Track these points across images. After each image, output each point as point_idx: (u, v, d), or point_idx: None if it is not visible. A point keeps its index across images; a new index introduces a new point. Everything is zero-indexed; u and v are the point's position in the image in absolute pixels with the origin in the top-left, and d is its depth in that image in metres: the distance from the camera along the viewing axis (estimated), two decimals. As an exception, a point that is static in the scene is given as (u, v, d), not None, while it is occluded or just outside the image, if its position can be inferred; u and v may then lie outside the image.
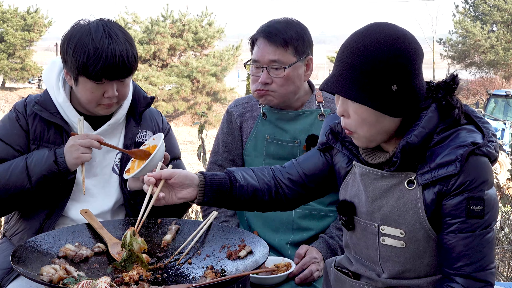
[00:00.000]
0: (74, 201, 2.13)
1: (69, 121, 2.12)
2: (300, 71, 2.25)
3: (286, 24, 2.24)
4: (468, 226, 1.48)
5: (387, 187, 1.58)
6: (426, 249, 1.56)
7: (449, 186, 1.48)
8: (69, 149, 2.00)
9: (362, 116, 1.52)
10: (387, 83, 1.47)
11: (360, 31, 1.54)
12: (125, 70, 2.02)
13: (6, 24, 24.98)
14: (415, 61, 1.51)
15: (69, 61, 2.02)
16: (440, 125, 1.53)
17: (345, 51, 1.53)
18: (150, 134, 2.27)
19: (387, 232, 1.58)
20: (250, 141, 2.36)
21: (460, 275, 1.49)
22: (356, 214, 1.65)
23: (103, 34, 2.00)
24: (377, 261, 1.63)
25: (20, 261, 1.66)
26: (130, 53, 2.02)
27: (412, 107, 1.52)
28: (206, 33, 22.41)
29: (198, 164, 4.24)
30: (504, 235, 4.21)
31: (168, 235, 1.98)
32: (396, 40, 1.49)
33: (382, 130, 1.54)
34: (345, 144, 1.68)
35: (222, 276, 1.71)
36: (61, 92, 2.11)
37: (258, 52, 2.23)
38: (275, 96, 2.24)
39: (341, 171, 1.72)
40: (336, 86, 1.52)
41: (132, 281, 1.66)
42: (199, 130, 3.74)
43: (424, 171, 1.51)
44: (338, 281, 1.75)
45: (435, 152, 1.50)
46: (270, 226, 2.31)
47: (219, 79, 22.11)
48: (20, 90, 26.80)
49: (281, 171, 1.82)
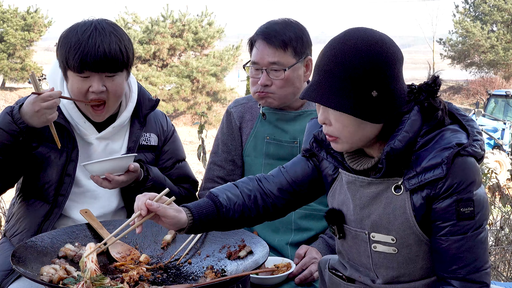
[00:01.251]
0: (75, 202, 2.14)
1: (73, 122, 2.12)
2: (299, 72, 2.25)
3: (284, 25, 2.23)
4: (459, 228, 1.47)
5: (374, 194, 1.56)
6: (419, 253, 1.55)
7: (437, 190, 1.47)
8: (35, 114, 1.90)
9: (343, 124, 1.50)
10: (367, 89, 1.45)
11: (337, 38, 1.52)
12: (110, 63, 1.99)
13: (6, 24, 24.96)
14: (393, 65, 1.48)
15: (58, 57, 2.05)
16: (423, 127, 1.51)
17: (323, 59, 1.51)
18: (154, 137, 2.27)
19: (378, 239, 1.57)
20: (249, 142, 2.36)
21: (456, 278, 1.48)
22: (346, 222, 1.63)
23: (89, 27, 2.00)
24: (371, 267, 1.62)
25: (20, 261, 1.66)
26: (115, 46, 1.99)
27: (393, 111, 1.50)
28: (206, 33, 22.39)
29: (198, 164, 4.24)
30: (504, 235, 4.20)
31: (168, 235, 1.98)
32: (374, 45, 1.47)
33: (364, 137, 1.52)
34: (330, 152, 1.65)
35: (222, 276, 1.71)
36: (65, 93, 2.11)
37: (257, 54, 2.22)
38: (275, 98, 2.23)
39: (328, 178, 1.70)
40: (316, 94, 1.49)
41: (132, 281, 1.66)
42: (199, 130, 3.74)
43: (411, 176, 1.49)
44: (333, 283, 1.74)
45: (420, 155, 1.49)
46: (270, 227, 2.31)
47: (219, 79, 22.10)
48: (20, 90, 26.77)
49: (269, 181, 1.74)
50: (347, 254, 1.69)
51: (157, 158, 2.30)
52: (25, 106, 1.92)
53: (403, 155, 1.50)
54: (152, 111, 2.27)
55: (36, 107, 1.90)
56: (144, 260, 1.86)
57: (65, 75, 2.06)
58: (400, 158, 1.50)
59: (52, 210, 2.10)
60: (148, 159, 2.26)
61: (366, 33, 1.50)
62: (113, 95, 2.06)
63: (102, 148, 2.17)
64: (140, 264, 1.83)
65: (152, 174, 2.15)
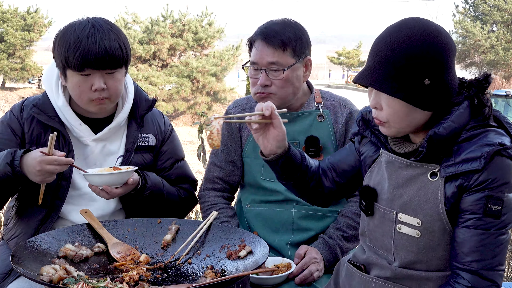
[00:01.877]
0: (73, 205, 2.13)
1: (68, 125, 2.11)
2: (299, 72, 2.25)
3: (284, 25, 2.23)
4: (483, 223, 1.50)
5: (410, 176, 1.61)
6: (440, 241, 1.58)
7: (470, 181, 1.51)
8: (34, 171, 1.88)
9: (394, 109, 1.56)
10: (420, 77, 1.51)
11: (393, 26, 1.58)
12: (111, 60, 1.99)
13: (6, 24, 24.95)
14: (447, 56, 1.54)
15: (56, 57, 2.03)
16: (470, 122, 1.56)
17: (378, 45, 1.57)
18: (152, 137, 2.26)
19: (404, 220, 1.62)
20: (249, 142, 2.36)
21: (468, 271, 1.51)
22: (377, 201, 1.69)
23: (86, 25, 1.99)
24: (391, 248, 1.66)
25: (20, 261, 1.66)
26: (114, 43, 1.99)
27: (443, 101, 1.56)
28: (206, 33, 22.38)
29: (198, 164, 4.24)
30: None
31: (168, 235, 1.98)
32: (430, 34, 1.53)
33: (413, 123, 1.58)
34: (374, 132, 1.73)
35: (222, 276, 1.72)
36: (60, 95, 2.10)
37: (257, 54, 2.22)
38: (275, 99, 2.23)
39: (367, 160, 1.77)
40: (370, 79, 1.56)
41: (132, 281, 1.67)
42: (199, 130, 3.74)
43: (449, 164, 1.54)
44: (349, 274, 1.79)
45: (462, 147, 1.54)
46: (270, 227, 2.31)
47: (219, 79, 22.09)
48: (20, 90, 26.76)
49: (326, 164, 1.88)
50: (370, 234, 1.73)
51: (155, 159, 2.29)
52: (29, 159, 1.90)
53: (445, 143, 1.55)
54: (149, 112, 2.26)
55: (38, 167, 1.87)
56: (144, 260, 1.87)
57: (63, 74, 2.05)
58: (441, 145, 1.55)
59: (49, 214, 2.09)
60: (146, 160, 2.25)
61: (422, 23, 1.55)
62: (114, 92, 2.06)
63: (99, 150, 2.16)
64: (140, 264, 1.84)
65: (150, 183, 2.13)
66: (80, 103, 2.08)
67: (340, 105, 2.35)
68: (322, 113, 2.31)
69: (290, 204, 2.30)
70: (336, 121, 2.32)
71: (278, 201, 2.31)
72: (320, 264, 2.16)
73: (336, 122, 2.31)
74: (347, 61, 38.47)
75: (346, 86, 36.66)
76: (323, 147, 2.28)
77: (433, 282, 1.61)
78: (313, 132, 2.28)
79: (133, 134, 2.20)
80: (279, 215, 2.30)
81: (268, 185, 2.32)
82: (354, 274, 1.76)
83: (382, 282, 1.68)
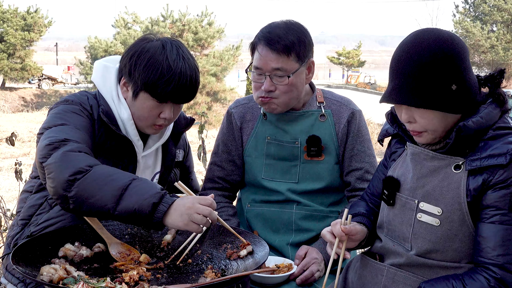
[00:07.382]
0: None
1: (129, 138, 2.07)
2: (302, 75, 2.22)
3: (287, 29, 2.17)
4: (509, 219, 1.55)
5: (435, 167, 1.67)
6: (458, 232, 1.62)
7: (495, 177, 1.56)
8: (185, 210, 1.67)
9: (429, 119, 1.62)
10: (447, 84, 1.57)
11: (408, 41, 1.62)
12: (192, 94, 2.01)
13: (6, 24, 24.98)
14: (465, 58, 1.60)
15: (137, 75, 1.96)
16: (498, 122, 1.62)
17: (399, 63, 1.61)
18: (182, 152, 2.33)
19: (425, 209, 1.67)
20: (250, 142, 2.36)
21: (495, 265, 1.54)
22: (399, 191, 1.75)
23: (177, 55, 1.96)
24: (409, 237, 1.70)
25: (20, 261, 1.66)
26: (198, 78, 2.01)
27: (471, 101, 1.62)
28: (206, 33, 22.39)
29: (198, 164, 4.23)
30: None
31: (168, 235, 1.98)
32: (445, 42, 1.58)
33: (447, 127, 1.64)
34: (402, 127, 1.79)
35: (222, 276, 1.71)
36: (125, 108, 2.04)
37: (261, 59, 2.17)
38: (279, 104, 2.21)
39: (393, 156, 1.85)
40: (400, 98, 1.60)
41: (132, 281, 1.66)
42: (199, 130, 3.73)
43: (474, 158, 1.59)
44: (362, 265, 1.83)
45: (488, 143, 1.60)
46: (271, 227, 2.31)
47: (219, 79, 22.09)
48: (20, 90, 26.78)
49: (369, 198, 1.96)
50: (388, 225, 1.78)
51: (181, 172, 2.38)
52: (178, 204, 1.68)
53: (471, 138, 1.61)
54: (187, 130, 2.29)
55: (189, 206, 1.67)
56: (144, 260, 1.86)
57: (135, 93, 1.99)
58: (468, 139, 1.61)
59: None
60: (176, 174, 2.34)
61: (434, 33, 1.61)
62: (174, 119, 2.10)
63: (143, 166, 2.17)
64: (140, 264, 1.83)
65: None
66: (140, 123, 2.05)
67: (342, 105, 2.34)
68: (324, 113, 2.30)
69: (290, 204, 2.30)
70: (338, 121, 2.31)
71: (279, 201, 2.31)
72: (321, 265, 2.15)
73: (338, 122, 2.31)
74: (347, 61, 38.52)
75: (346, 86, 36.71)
76: (325, 147, 2.27)
77: (444, 272, 1.65)
78: (314, 131, 2.27)
79: (171, 151, 2.23)
80: (279, 215, 2.30)
81: (269, 185, 2.31)
82: (366, 264, 1.80)
83: (394, 270, 1.72)
